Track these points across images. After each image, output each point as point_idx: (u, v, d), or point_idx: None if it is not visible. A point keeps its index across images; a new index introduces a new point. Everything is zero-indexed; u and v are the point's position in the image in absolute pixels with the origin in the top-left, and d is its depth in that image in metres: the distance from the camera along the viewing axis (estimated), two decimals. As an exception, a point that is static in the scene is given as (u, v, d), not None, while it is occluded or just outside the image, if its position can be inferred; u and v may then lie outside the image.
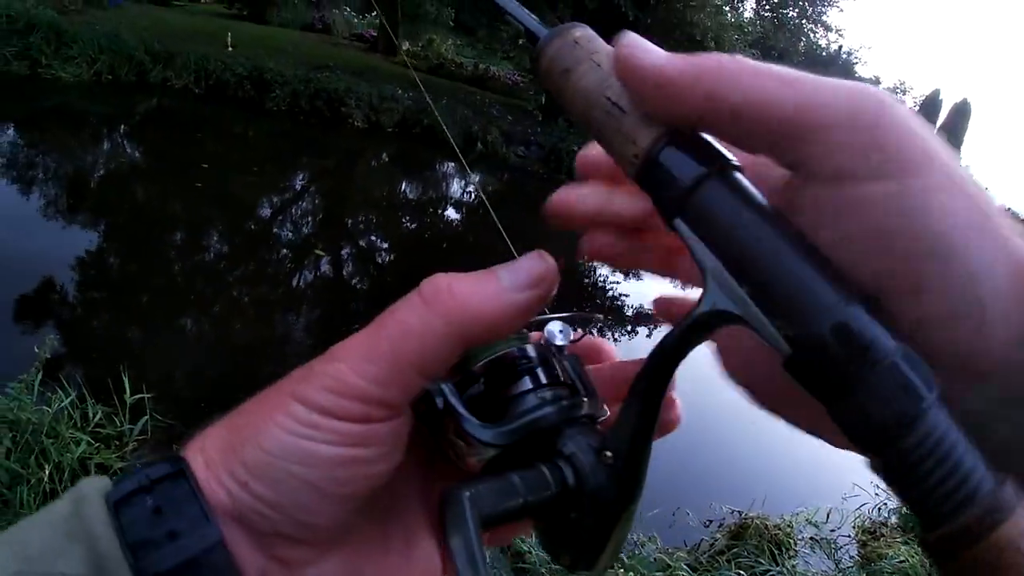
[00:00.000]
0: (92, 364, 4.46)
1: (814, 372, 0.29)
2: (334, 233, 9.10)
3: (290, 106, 12.87)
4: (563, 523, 0.39)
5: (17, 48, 10.34)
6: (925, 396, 0.27)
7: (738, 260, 0.30)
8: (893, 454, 0.27)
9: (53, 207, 6.74)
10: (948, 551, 0.26)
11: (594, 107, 0.36)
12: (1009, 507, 0.25)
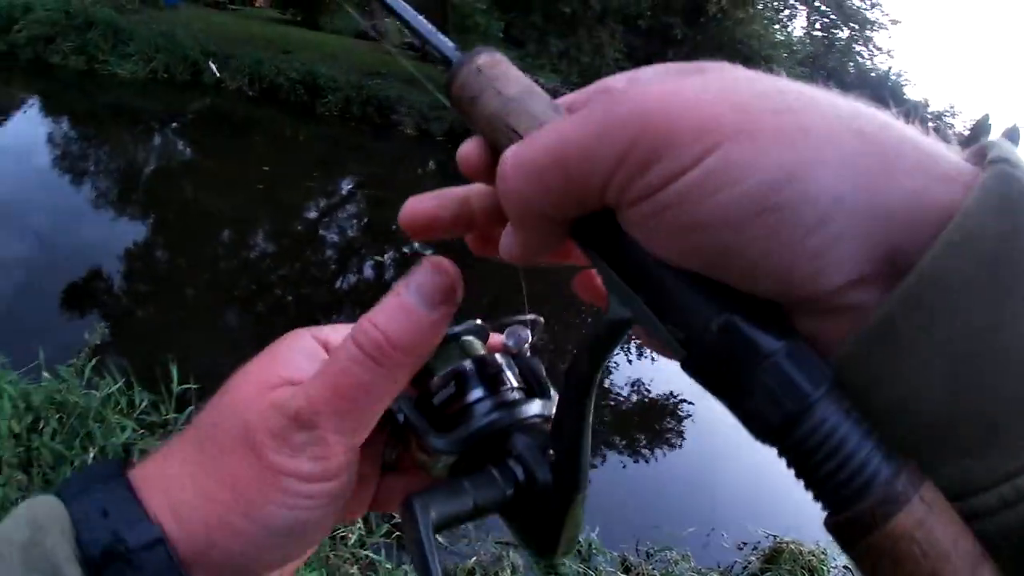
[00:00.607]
0: (141, 353, 4.51)
1: (706, 373, 0.30)
2: (379, 238, 9.14)
3: (341, 112, 13.00)
4: (523, 517, 0.43)
5: (75, 43, 10.60)
6: (809, 392, 0.27)
7: (633, 274, 0.31)
8: (786, 448, 0.29)
9: (105, 199, 6.88)
10: (845, 539, 0.27)
11: (498, 133, 0.37)
12: (904, 497, 0.26)
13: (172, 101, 11.20)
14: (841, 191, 0.26)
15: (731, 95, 0.28)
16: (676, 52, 16.17)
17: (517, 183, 0.32)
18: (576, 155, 0.29)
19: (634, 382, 7.16)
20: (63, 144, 7.96)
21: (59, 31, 10.75)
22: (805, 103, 0.28)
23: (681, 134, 0.27)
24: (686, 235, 0.28)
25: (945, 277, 0.25)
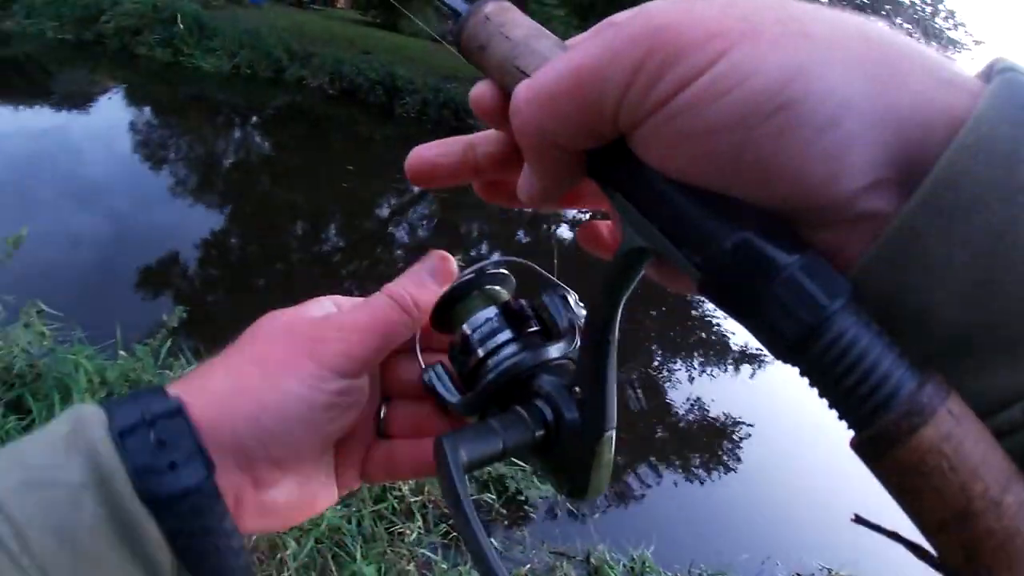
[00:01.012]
0: (213, 337, 4.58)
1: (722, 292, 0.30)
2: (449, 240, 9.18)
3: (419, 114, 13.13)
4: (553, 458, 0.44)
5: (161, 36, 10.94)
6: (826, 304, 0.27)
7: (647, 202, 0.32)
8: (805, 364, 0.28)
9: (184, 187, 7.04)
10: (872, 453, 0.27)
11: (507, 75, 0.37)
12: (930, 409, 0.25)
13: (253, 96, 11.45)
14: (849, 92, 0.26)
15: (737, 8, 0.28)
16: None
17: (532, 112, 0.32)
18: (589, 77, 0.30)
19: (694, 400, 7.04)
20: (146, 132, 8.19)
21: (146, 24, 11.11)
22: (810, 12, 0.28)
23: (690, 44, 0.27)
24: (700, 142, 0.28)
25: (961, 180, 0.25)
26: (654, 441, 6.08)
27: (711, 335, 9.24)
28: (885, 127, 0.26)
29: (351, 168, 9.73)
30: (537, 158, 0.34)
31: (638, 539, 4.24)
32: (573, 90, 0.30)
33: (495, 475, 4.24)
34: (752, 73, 0.26)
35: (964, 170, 0.25)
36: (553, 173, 0.35)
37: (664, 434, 6.32)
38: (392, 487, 3.59)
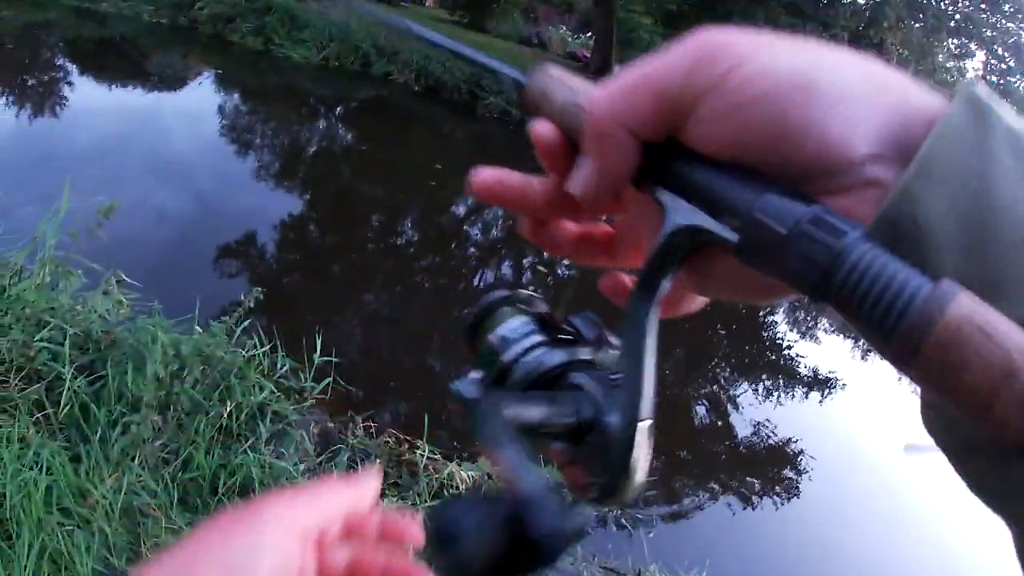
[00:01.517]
0: (287, 320, 4.64)
1: (756, 252, 0.33)
2: (521, 242, 9.13)
3: (501, 114, 13.16)
4: (584, 451, 0.41)
5: (253, 25, 11.20)
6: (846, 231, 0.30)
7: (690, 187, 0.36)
8: (834, 291, 0.30)
9: (267, 172, 7.16)
10: (910, 350, 0.28)
11: (567, 115, 0.40)
12: (951, 293, 0.28)
13: (340, 88, 11.63)
14: (853, 82, 0.33)
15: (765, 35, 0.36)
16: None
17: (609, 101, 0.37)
18: (660, 73, 0.36)
19: (759, 425, 6.86)
20: (233, 116, 8.37)
21: (239, 12, 11.40)
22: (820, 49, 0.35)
23: (736, 45, 0.35)
24: (746, 111, 0.34)
25: (943, 154, 0.31)
26: (714, 463, 5.98)
27: (780, 358, 9.03)
28: (880, 112, 0.33)
29: (439, 167, 9.81)
30: (600, 146, 0.38)
31: (691, 563, 4.14)
32: (646, 81, 0.36)
33: (555, 484, 4.17)
34: (783, 61, 0.34)
35: (944, 148, 0.31)
36: (612, 163, 0.38)
37: (725, 457, 6.21)
38: (450, 483, 3.57)
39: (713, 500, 5.28)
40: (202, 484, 2.78)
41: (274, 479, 2.87)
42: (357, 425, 3.71)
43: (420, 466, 3.57)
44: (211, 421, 2.93)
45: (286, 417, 3.33)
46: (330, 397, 3.82)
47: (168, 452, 2.80)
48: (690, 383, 7.32)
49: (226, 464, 2.84)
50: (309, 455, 3.24)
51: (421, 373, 5.06)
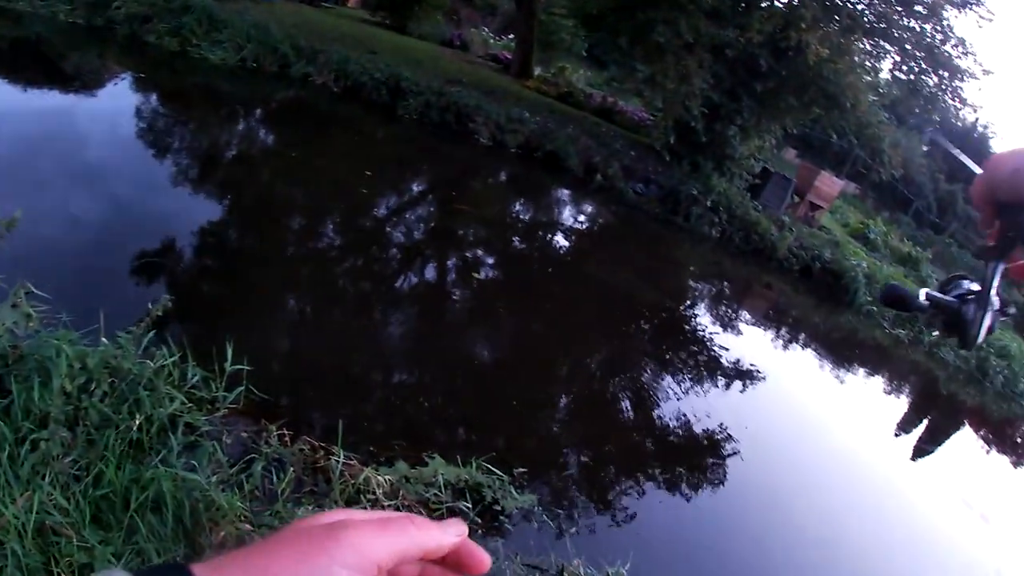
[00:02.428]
0: (198, 329, 4.60)
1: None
2: (442, 241, 9.20)
3: (420, 116, 13.18)
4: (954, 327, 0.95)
5: (170, 25, 10.98)
6: None
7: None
8: None
9: (184, 175, 7.04)
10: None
11: None
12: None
13: (258, 90, 11.49)
14: None
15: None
16: (763, 85, 15.97)
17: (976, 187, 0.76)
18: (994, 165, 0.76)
19: (679, 414, 7.06)
20: (149, 119, 8.20)
21: (156, 12, 11.15)
22: None
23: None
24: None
25: None
26: (639, 456, 6.07)
27: (703, 351, 9.26)
28: None
29: (365, 171, 9.77)
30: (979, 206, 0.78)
31: (615, 555, 4.22)
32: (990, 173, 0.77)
33: (472, 483, 4.23)
34: None
35: None
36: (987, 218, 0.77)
37: (651, 448, 6.32)
38: (367, 489, 3.59)
39: (637, 493, 5.41)
40: (114, 500, 2.75)
41: (187, 493, 2.87)
42: (271, 434, 3.71)
43: (335, 473, 3.59)
44: (121, 435, 2.92)
45: (198, 428, 3.34)
46: (243, 406, 3.81)
47: (78, 469, 2.77)
48: (610, 377, 7.48)
49: (138, 479, 2.82)
50: (223, 466, 3.24)
51: (336, 379, 5.07)
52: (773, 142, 19.65)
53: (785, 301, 15.22)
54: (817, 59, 14.67)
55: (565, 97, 20.30)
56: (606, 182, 14.82)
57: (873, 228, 25.14)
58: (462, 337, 6.84)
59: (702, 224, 15.64)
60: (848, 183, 34.26)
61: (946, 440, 12.28)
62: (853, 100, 15.62)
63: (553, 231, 12.17)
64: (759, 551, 5.68)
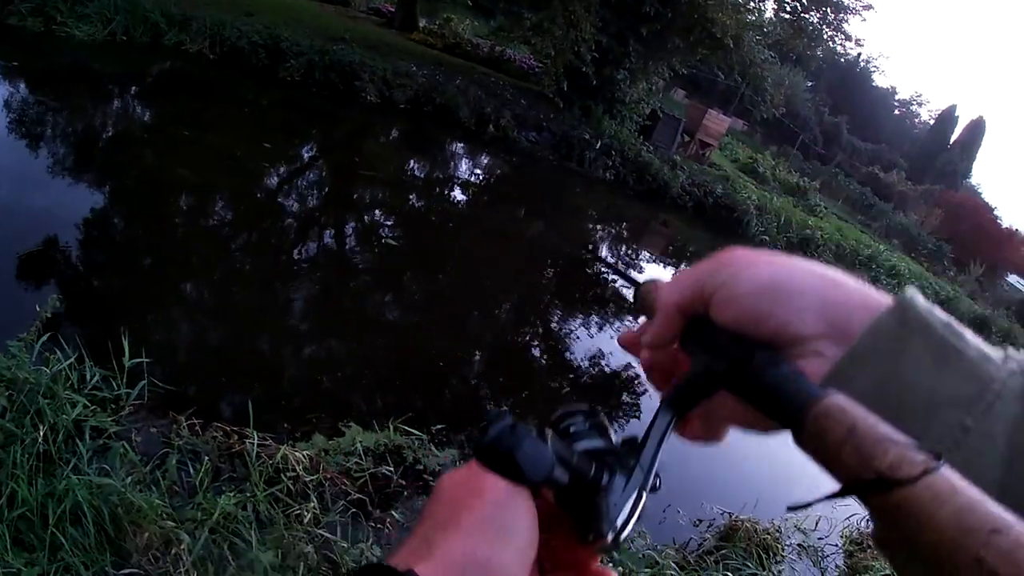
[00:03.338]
0: (92, 326, 4.45)
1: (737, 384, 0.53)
2: (339, 207, 9.07)
3: (304, 77, 12.81)
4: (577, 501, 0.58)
5: (32, 4, 10.25)
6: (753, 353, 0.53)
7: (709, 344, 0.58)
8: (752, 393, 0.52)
9: (60, 165, 6.70)
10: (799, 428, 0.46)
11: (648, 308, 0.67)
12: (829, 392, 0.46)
13: (131, 64, 10.94)
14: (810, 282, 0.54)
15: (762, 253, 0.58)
16: (648, 28, 16.13)
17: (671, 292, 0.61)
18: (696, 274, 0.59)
19: (593, 354, 7.25)
20: (18, 108, 7.73)
21: (16, -9, 10.39)
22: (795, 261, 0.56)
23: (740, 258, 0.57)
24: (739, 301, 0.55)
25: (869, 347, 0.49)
26: (552, 398, 6.21)
27: (606, 291, 9.46)
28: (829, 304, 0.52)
29: (268, 146, 9.49)
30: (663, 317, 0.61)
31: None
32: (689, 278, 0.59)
33: (392, 446, 4.27)
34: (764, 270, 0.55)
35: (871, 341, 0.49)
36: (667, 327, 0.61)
37: (568, 390, 6.47)
38: (286, 467, 3.58)
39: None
40: (32, 519, 2.67)
41: (104, 499, 2.81)
42: (181, 425, 3.65)
43: (252, 455, 3.57)
44: (27, 449, 2.82)
45: (106, 431, 3.26)
46: (148, 401, 3.73)
47: (-10, 492, 2.67)
48: (522, 326, 7.60)
49: (52, 492, 2.74)
50: (137, 466, 3.19)
51: (243, 360, 5.00)
52: (662, 84, 19.93)
53: (682, 237, 15.64)
54: (703, 3, 14.91)
55: (452, 48, 20.06)
56: (499, 132, 14.81)
57: (762, 162, 25.98)
58: (370, 302, 6.82)
59: (596, 168, 15.86)
60: (736, 120, 35.08)
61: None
62: (737, 40, 15.95)
63: (450, 186, 12.13)
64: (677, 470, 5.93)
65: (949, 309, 8.82)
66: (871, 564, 5.12)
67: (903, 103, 71.49)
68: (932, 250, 33.04)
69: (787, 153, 38.03)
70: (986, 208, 43.73)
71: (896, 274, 19.34)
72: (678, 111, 22.03)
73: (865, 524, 5.89)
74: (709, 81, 34.36)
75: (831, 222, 22.28)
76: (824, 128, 48.50)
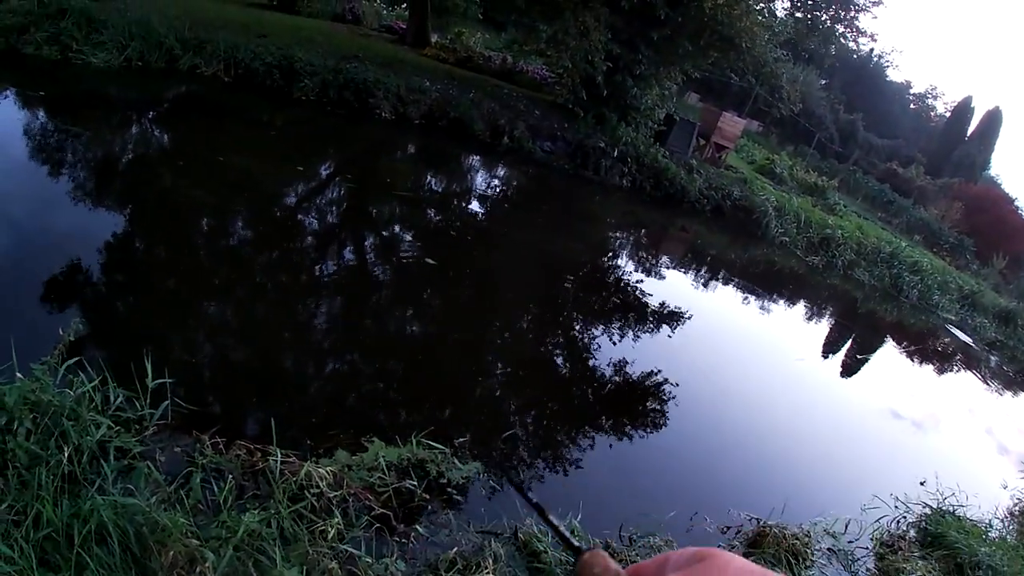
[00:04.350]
0: (115, 348, 4.48)
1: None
2: (358, 223, 9.11)
3: (318, 96, 12.93)
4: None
5: (48, 32, 10.40)
6: None
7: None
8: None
9: (82, 191, 6.77)
10: None
11: None
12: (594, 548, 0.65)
13: (147, 89, 11.07)
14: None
15: None
16: (659, 33, 16.13)
17: None
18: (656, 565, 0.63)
19: (617, 363, 7.21)
20: (39, 135, 7.83)
21: (32, 21, 10.53)
22: None
23: None
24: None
25: None
26: (580, 409, 6.19)
27: (630, 299, 9.42)
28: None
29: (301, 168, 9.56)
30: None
31: (566, 509, 4.34)
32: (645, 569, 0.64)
33: (415, 460, 4.26)
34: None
35: None
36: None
37: (590, 400, 6.44)
38: (309, 484, 3.58)
39: (580, 445, 5.54)
40: (58, 539, 2.69)
41: (129, 519, 2.82)
42: (205, 444, 3.67)
43: (276, 472, 3.58)
44: (52, 471, 2.84)
45: (130, 451, 3.28)
46: (172, 421, 3.75)
47: (16, 513, 2.69)
48: (542, 337, 7.58)
49: (78, 513, 2.75)
50: (161, 486, 3.20)
51: (265, 378, 5.01)
52: (675, 88, 19.90)
53: (702, 241, 15.56)
54: (713, 6, 14.90)
55: (464, 62, 20.16)
56: (514, 143, 14.85)
57: (779, 163, 25.81)
58: (389, 318, 6.83)
59: (613, 175, 15.84)
60: (751, 121, 35.00)
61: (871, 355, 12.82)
62: (748, 41, 15.91)
63: (468, 199, 12.15)
64: (704, 477, 5.91)
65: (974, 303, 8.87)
66: (902, 567, 5.05)
67: (918, 97, 70.88)
68: (954, 244, 32.72)
69: (804, 153, 37.83)
70: (1006, 199, 43.10)
71: (918, 270, 19.13)
72: (692, 115, 21.97)
73: (895, 526, 5.82)
74: (722, 84, 34.29)
75: (851, 220, 22.08)
76: (840, 126, 48.17)
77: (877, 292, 17.49)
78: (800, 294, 14.52)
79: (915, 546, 5.54)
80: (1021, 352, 18.39)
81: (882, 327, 15.07)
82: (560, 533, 0.82)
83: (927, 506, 6.23)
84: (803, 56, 24.41)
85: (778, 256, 16.36)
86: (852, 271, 17.80)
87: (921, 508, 6.18)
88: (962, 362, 15.39)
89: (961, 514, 6.28)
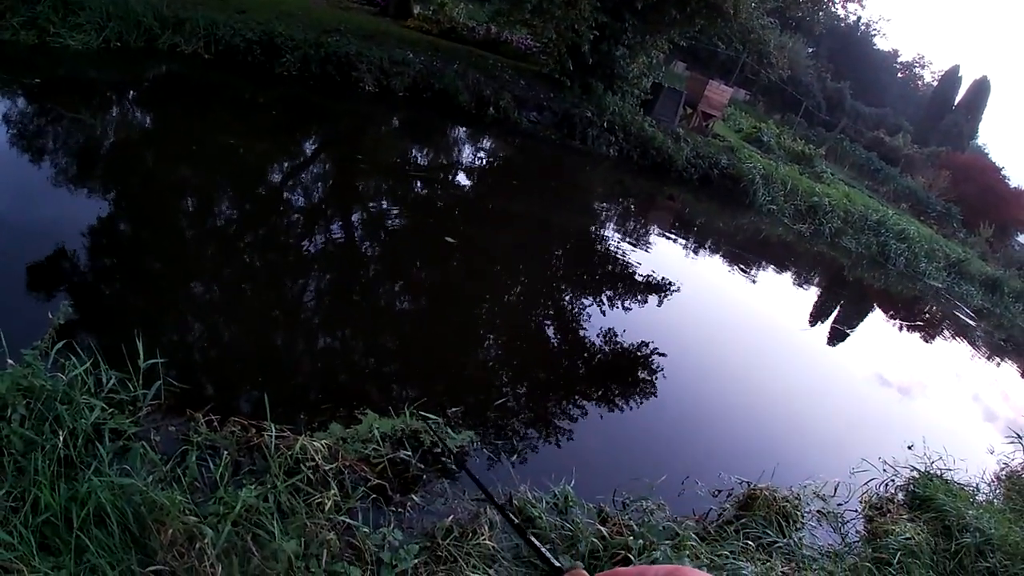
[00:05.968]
0: (106, 330, 4.47)
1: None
2: (345, 198, 9.07)
3: (300, 71, 12.80)
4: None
5: (24, 17, 10.21)
6: None
7: None
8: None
9: (64, 175, 6.70)
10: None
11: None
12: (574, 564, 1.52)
13: (127, 70, 10.92)
14: None
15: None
16: (644, 2, 16.00)
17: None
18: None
19: (606, 332, 7.25)
20: (19, 121, 7.74)
21: (8, 6, 10.30)
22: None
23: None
24: None
25: None
26: (569, 378, 6.23)
27: (620, 269, 9.45)
28: None
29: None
30: None
31: (559, 476, 4.40)
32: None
33: (409, 431, 4.30)
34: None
35: None
36: None
37: (581, 369, 6.49)
38: (305, 457, 3.61)
39: (574, 413, 5.60)
40: (57, 523, 2.70)
41: (127, 500, 2.83)
42: (199, 422, 3.68)
43: (271, 447, 3.60)
44: (48, 455, 2.85)
45: (125, 432, 3.29)
46: (165, 400, 3.77)
47: (14, 499, 2.70)
48: (533, 307, 7.60)
49: (75, 496, 2.76)
50: (157, 465, 3.21)
51: (257, 353, 5.02)
52: (661, 57, 19.80)
53: (690, 210, 15.59)
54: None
55: (448, 33, 19.95)
56: (500, 114, 14.78)
57: (766, 131, 25.79)
58: (380, 291, 6.83)
59: (600, 145, 15.81)
60: (738, 90, 34.89)
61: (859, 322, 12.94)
62: (734, 7, 15.82)
63: (455, 171, 12.12)
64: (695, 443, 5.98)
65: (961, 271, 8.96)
66: (891, 528, 5.13)
67: (906, 66, 70.81)
68: (941, 212, 32.88)
69: (791, 121, 37.77)
70: (993, 168, 43.24)
71: (905, 238, 19.24)
72: (679, 84, 21.90)
73: (884, 489, 5.91)
74: (709, 52, 34.13)
75: (838, 188, 22.15)
76: (827, 94, 48.09)
77: (864, 260, 17.60)
78: (788, 262, 14.59)
79: (903, 508, 5.62)
80: (1007, 320, 18.60)
81: (870, 294, 15.18)
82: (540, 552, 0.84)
83: (915, 470, 6.33)
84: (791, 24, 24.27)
85: (766, 224, 16.42)
86: (839, 239, 17.90)
87: (909, 472, 6.29)
88: (952, 329, 15.55)
89: (949, 478, 6.38)
